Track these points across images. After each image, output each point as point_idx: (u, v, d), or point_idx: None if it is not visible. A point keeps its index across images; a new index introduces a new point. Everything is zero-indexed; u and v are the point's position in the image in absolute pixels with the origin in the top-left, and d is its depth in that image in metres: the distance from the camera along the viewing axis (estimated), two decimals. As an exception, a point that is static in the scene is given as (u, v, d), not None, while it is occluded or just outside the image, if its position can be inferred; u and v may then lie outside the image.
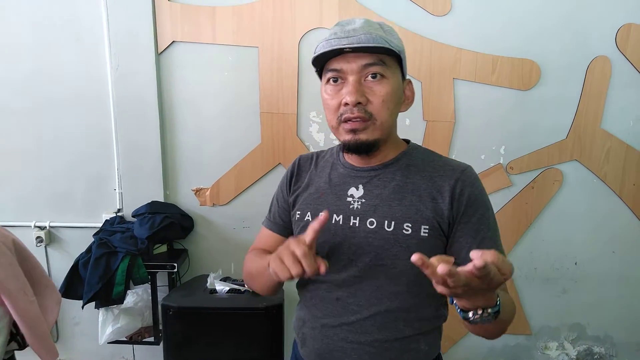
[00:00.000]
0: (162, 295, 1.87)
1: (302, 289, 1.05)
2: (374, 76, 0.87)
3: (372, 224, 0.92)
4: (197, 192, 2.09)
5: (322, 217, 0.81)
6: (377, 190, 0.94)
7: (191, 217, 2.09)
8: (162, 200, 2.06)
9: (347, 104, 0.87)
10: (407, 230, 0.89)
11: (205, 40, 1.95)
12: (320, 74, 0.95)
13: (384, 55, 0.87)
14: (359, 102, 0.86)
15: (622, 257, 2.12)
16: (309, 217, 0.99)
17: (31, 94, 2.01)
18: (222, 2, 1.92)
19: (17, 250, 1.05)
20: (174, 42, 1.96)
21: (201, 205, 2.10)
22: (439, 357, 1.02)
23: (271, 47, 1.95)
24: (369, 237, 0.91)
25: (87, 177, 2.08)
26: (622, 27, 1.88)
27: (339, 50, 0.85)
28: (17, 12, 1.95)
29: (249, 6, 1.92)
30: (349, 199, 0.95)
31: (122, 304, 1.89)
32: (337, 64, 0.88)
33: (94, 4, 1.93)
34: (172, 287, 2.01)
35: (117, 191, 2.08)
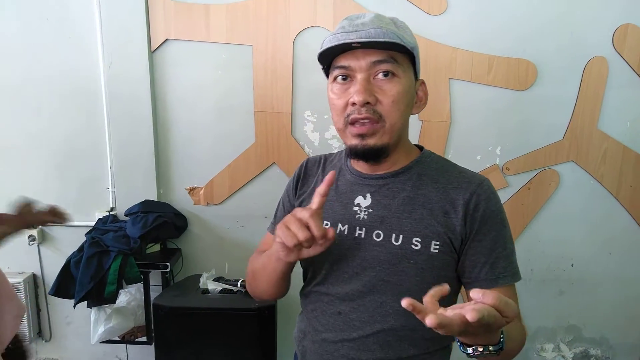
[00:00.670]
0: (156, 294, 1.86)
1: (304, 298, 1.00)
2: (385, 74, 0.80)
3: (378, 236, 0.86)
4: (191, 191, 2.08)
5: (328, 177, 0.76)
6: (386, 200, 0.88)
7: (185, 216, 2.08)
8: (156, 199, 2.05)
9: (354, 104, 0.80)
10: (416, 245, 0.83)
11: (198, 38, 1.94)
12: (327, 72, 0.89)
13: (395, 52, 0.80)
14: (368, 102, 0.80)
15: (619, 259, 2.10)
16: None
17: (23, 92, 2.00)
18: (215, 0, 1.90)
19: None
20: (167, 39, 1.94)
21: (195, 204, 2.09)
22: None
23: (265, 46, 1.94)
24: (374, 251, 0.86)
25: (80, 175, 2.07)
26: (619, 27, 1.86)
27: (346, 45, 0.78)
28: (8, 10, 1.94)
29: (242, 4, 1.90)
30: (356, 208, 0.89)
31: (115, 303, 1.87)
32: (344, 60, 0.82)
33: (87, 1, 1.91)
34: (165, 287, 2.00)
35: (110, 190, 2.07)
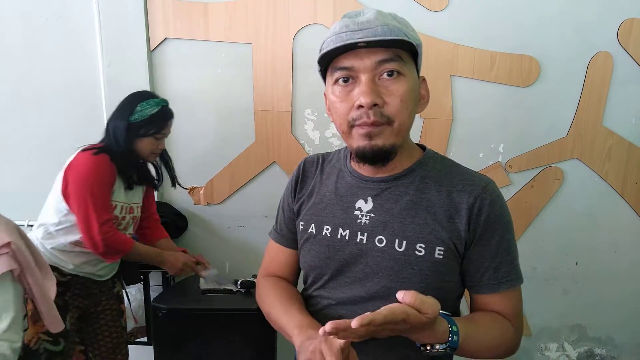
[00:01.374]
0: (156, 295, 1.86)
1: (306, 302, 0.98)
2: (390, 74, 0.77)
3: (381, 242, 0.84)
4: (191, 191, 2.07)
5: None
6: (388, 204, 0.85)
7: (185, 216, 2.07)
8: (156, 199, 2.03)
9: (360, 107, 0.77)
10: (420, 251, 0.81)
11: (197, 37, 1.92)
12: (324, 74, 0.85)
13: (400, 50, 0.77)
14: (375, 104, 0.76)
15: (624, 257, 2.07)
16: (312, 229, 0.91)
17: (22, 91, 2.00)
18: (214, -2, 1.89)
19: (20, 234, 1.14)
20: (166, 38, 1.93)
21: (195, 204, 2.08)
22: None
23: (265, 44, 1.92)
24: (377, 257, 0.84)
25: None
26: (624, 22, 1.83)
27: (351, 45, 0.75)
28: (7, 10, 1.93)
29: (241, 2, 1.89)
30: (357, 212, 0.87)
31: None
32: (347, 61, 0.77)
33: (86, 0, 1.90)
34: (165, 287, 1.99)
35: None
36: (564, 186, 2.01)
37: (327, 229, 0.89)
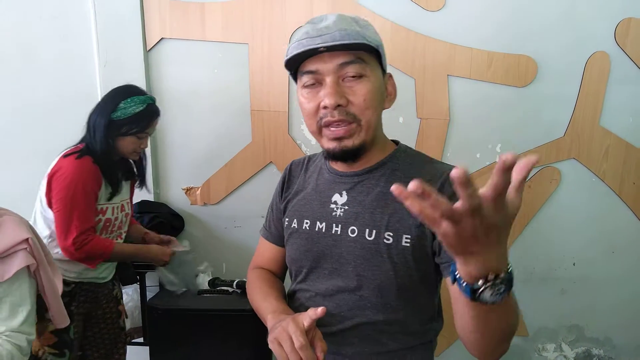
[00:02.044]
0: (152, 295, 1.85)
1: (289, 297, 1.02)
2: (354, 76, 0.82)
3: (353, 232, 0.88)
4: (188, 191, 2.06)
5: (319, 311, 0.77)
6: (360, 197, 0.90)
7: (181, 217, 2.06)
8: (152, 199, 2.03)
9: (325, 107, 0.82)
10: (388, 239, 0.85)
11: (194, 37, 1.92)
12: (295, 76, 0.90)
13: (361, 52, 0.82)
14: (339, 105, 0.81)
15: (622, 258, 2.07)
16: (295, 224, 0.97)
17: (18, 91, 1.99)
18: (210, -2, 1.89)
19: (33, 231, 1.17)
20: (162, 38, 1.93)
21: (192, 204, 2.07)
22: None
23: (261, 44, 1.92)
24: (350, 246, 0.88)
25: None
26: (622, 21, 1.82)
27: (312, 51, 0.79)
28: (2, 8, 1.93)
29: (238, 2, 1.88)
30: (332, 206, 0.92)
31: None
32: (311, 65, 0.83)
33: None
34: (162, 288, 1.99)
35: (106, 190, 2.05)
36: (561, 186, 2.00)
37: (306, 223, 0.94)
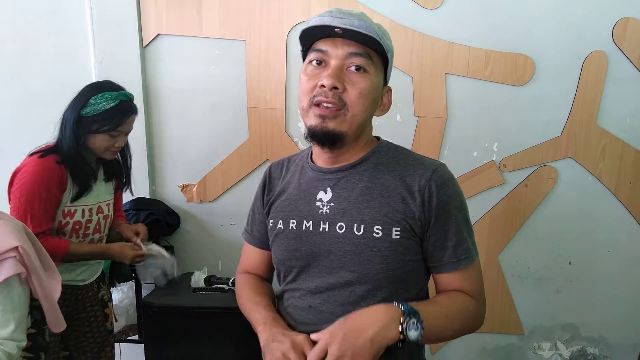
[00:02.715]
0: (147, 292, 1.85)
1: (279, 297, 1.02)
2: (357, 68, 0.84)
3: (341, 228, 0.88)
4: (184, 188, 2.06)
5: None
6: (345, 192, 0.90)
7: (177, 214, 2.06)
8: (148, 196, 2.02)
9: (322, 86, 0.83)
10: (378, 233, 0.86)
11: (190, 33, 1.91)
12: (304, 55, 0.92)
13: (372, 50, 0.84)
14: (336, 87, 0.83)
15: (617, 257, 2.07)
16: (280, 225, 0.96)
17: (13, 87, 1.98)
18: (207, -6, 1.88)
19: (27, 234, 1.16)
20: (159, 35, 1.92)
21: (188, 201, 2.07)
22: None
23: (258, 41, 1.91)
24: (339, 242, 0.88)
25: (72, 172, 2.05)
26: (619, 21, 1.82)
27: (329, 30, 0.82)
28: (-2, 4, 1.91)
29: (235, -2, 1.88)
30: (318, 204, 0.92)
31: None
32: (323, 45, 0.85)
33: (77, -5, 1.89)
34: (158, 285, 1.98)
35: (102, 187, 2.04)
36: (557, 185, 2.00)
37: (293, 223, 0.94)
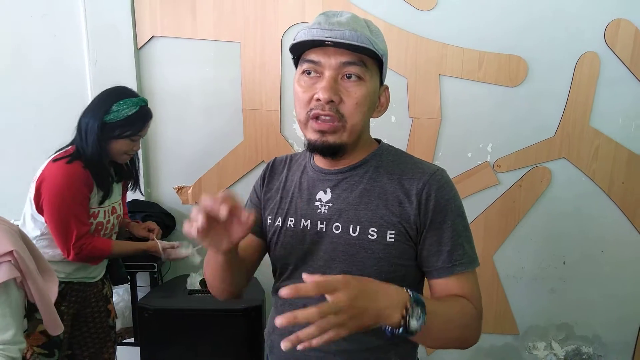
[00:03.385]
0: (143, 295, 1.84)
1: (274, 295, 1.02)
2: (351, 76, 0.82)
3: (337, 228, 0.89)
4: (179, 190, 2.05)
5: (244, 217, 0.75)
6: (345, 194, 0.90)
7: (173, 216, 2.05)
8: (143, 198, 2.02)
9: (318, 100, 0.82)
10: (373, 235, 0.86)
11: (185, 35, 1.91)
12: (296, 62, 0.91)
13: (365, 56, 0.82)
14: (332, 101, 0.81)
15: (611, 257, 2.09)
16: (279, 222, 0.96)
17: (8, 90, 1.97)
18: (202, -4, 1.88)
19: (22, 237, 1.17)
20: (153, 36, 1.92)
21: (183, 203, 2.06)
22: None
23: (253, 43, 1.91)
24: (334, 243, 0.88)
25: (67, 175, 2.04)
26: (611, 22, 1.84)
27: (319, 42, 0.80)
28: (-9, 6, 1.90)
29: (230, 0, 1.87)
30: (317, 204, 0.92)
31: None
32: (315, 55, 0.83)
33: (71, -3, 1.88)
34: (153, 287, 1.98)
35: (97, 189, 2.04)
36: (551, 186, 2.02)
37: (291, 221, 0.94)
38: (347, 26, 0.79)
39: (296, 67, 0.91)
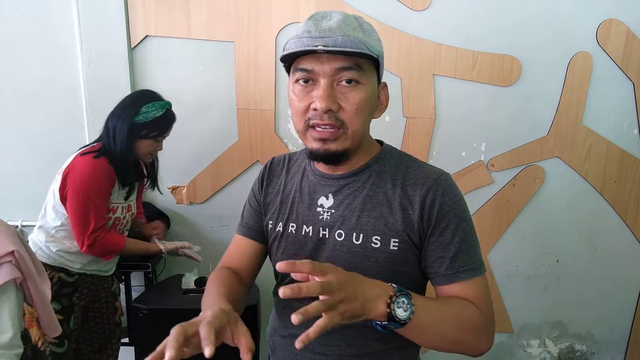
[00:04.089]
0: (137, 294, 1.84)
1: (275, 297, 1.00)
2: (349, 81, 0.79)
3: (340, 236, 0.87)
4: (173, 190, 2.05)
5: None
6: (347, 200, 0.88)
7: (167, 216, 2.05)
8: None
9: (316, 109, 0.79)
10: (376, 243, 0.84)
11: (179, 34, 1.90)
12: (288, 69, 0.87)
13: (360, 58, 0.79)
14: (330, 109, 0.79)
15: (604, 255, 2.11)
16: (280, 227, 0.94)
17: (1, 88, 1.95)
18: (196, -5, 1.87)
19: (21, 240, 1.15)
20: (147, 36, 1.91)
21: (177, 203, 2.06)
22: None
23: (247, 42, 1.91)
24: (337, 250, 0.87)
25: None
26: (603, 22, 1.85)
27: (311, 50, 0.77)
28: (-17, 5, 1.89)
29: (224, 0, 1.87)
30: (319, 209, 0.90)
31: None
32: (308, 63, 0.80)
33: (64, -4, 1.87)
34: (147, 287, 1.97)
35: (90, 189, 2.03)
36: (544, 185, 2.03)
37: (292, 227, 0.93)
38: (338, 31, 0.76)
39: (289, 73, 0.88)
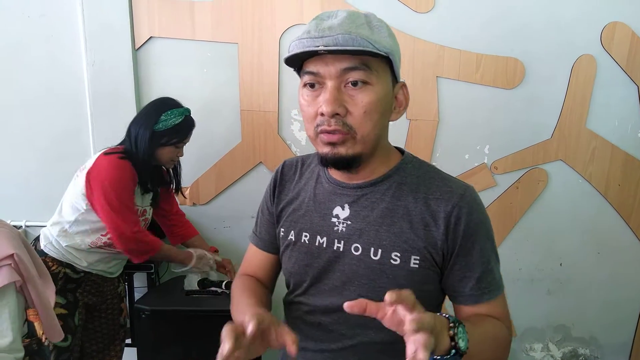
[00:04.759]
0: (140, 296, 1.84)
1: (287, 307, 0.98)
2: (355, 83, 0.75)
3: (357, 250, 0.83)
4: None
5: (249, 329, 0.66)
6: (365, 212, 0.84)
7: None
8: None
9: (323, 115, 0.76)
10: (396, 260, 0.80)
11: (183, 36, 1.91)
12: (299, 72, 0.84)
13: (368, 57, 0.74)
14: (337, 114, 0.75)
15: (608, 258, 2.09)
16: (292, 236, 0.91)
17: (4, 91, 1.97)
18: (200, -3, 1.88)
19: (23, 242, 1.15)
20: (151, 37, 1.91)
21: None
22: None
23: (251, 44, 1.91)
24: (353, 265, 0.83)
25: (64, 175, 2.00)
26: (607, 25, 1.85)
27: (312, 51, 0.74)
28: (-12, 6, 1.90)
29: (227, 1, 1.87)
30: (334, 220, 0.86)
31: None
32: (313, 66, 0.76)
33: (69, -2, 1.88)
34: (150, 288, 1.97)
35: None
36: (548, 188, 2.02)
37: (305, 236, 0.89)
38: (339, 29, 0.72)
39: (299, 76, 0.85)
